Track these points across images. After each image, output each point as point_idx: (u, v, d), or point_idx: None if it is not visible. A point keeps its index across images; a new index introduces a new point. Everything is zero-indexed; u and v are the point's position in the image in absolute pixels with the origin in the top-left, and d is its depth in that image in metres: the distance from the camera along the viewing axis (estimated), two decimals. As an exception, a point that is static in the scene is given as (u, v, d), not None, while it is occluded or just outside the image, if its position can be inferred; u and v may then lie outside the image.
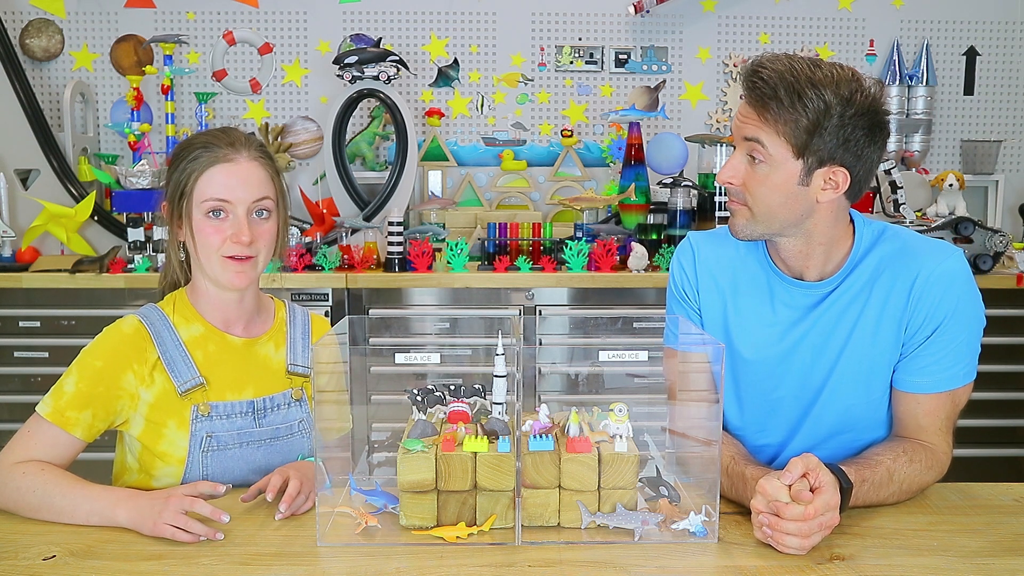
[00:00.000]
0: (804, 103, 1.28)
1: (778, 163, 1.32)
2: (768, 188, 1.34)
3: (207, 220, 1.42)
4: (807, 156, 1.31)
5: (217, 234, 1.42)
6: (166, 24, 3.47)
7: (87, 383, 1.38)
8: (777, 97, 1.29)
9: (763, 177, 1.34)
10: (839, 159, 1.32)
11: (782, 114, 1.29)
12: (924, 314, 1.38)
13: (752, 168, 1.35)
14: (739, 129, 1.36)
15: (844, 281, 1.42)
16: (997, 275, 2.94)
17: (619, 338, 1.70)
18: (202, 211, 1.42)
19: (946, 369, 1.38)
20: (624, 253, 2.99)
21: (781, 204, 1.35)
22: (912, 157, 3.53)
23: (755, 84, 1.31)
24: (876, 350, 1.41)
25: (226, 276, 1.43)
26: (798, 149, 1.31)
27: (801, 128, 1.29)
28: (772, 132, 1.31)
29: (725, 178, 1.38)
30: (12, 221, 3.19)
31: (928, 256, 1.39)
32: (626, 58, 3.54)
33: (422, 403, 1.30)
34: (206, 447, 1.43)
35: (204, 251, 1.43)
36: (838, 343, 1.42)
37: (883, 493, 1.31)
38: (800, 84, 1.28)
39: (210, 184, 1.42)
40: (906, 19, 3.56)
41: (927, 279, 1.37)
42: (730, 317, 1.50)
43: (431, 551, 1.17)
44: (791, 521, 1.14)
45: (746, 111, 1.35)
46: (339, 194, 3.21)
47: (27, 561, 1.15)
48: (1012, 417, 3.01)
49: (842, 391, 1.43)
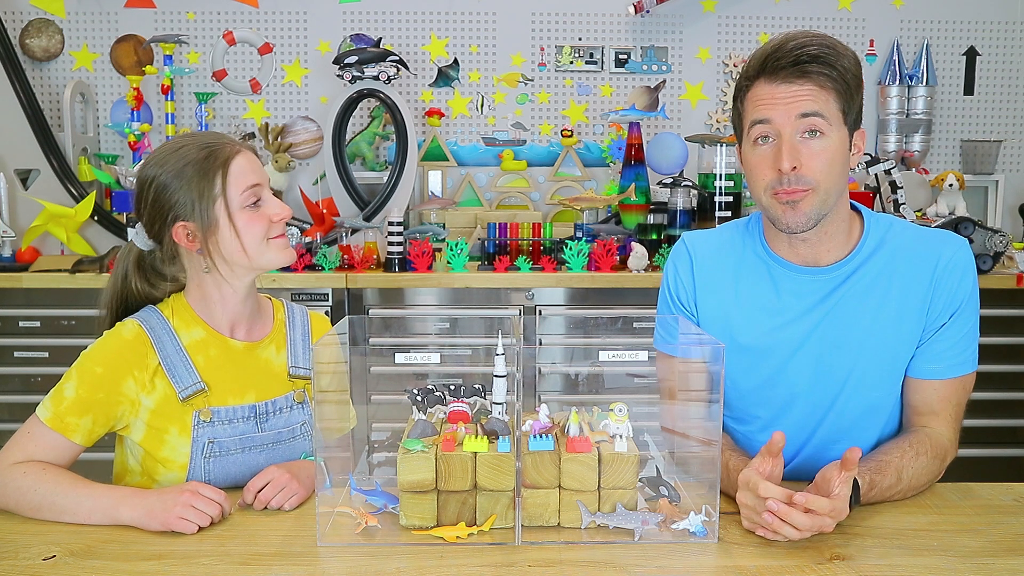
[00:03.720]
0: (846, 67, 1.32)
1: (835, 130, 1.34)
2: (830, 159, 1.34)
3: (248, 210, 1.42)
4: (849, 119, 1.35)
5: (262, 220, 1.43)
6: (166, 24, 3.47)
7: (87, 389, 1.37)
8: (830, 64, 1.31)
9: (822, 151, 1.33)
10: (859, 121, 1.37)
11: (833, 81, 1.31)
12: (946, 298, 1.40)
13: (808, 146, 1.33)
14: (789, 109, 1.31)
15: (859, 269, 1.42)
16: (997, 275, 2.94)
17: (619, 338, 1.70)
18: (241, 204, 1.41)
19: (959, 355, 1.41)
20: (624, 253, 3.00)
21: (840, 174, 1.36)
22: (912, 157, 3.53)
23: (801, 58, 1.30)
24: (900, 337, 1.41)
25: (279, 256, 1.46)
26: (845, 114, 1.34)
27: (846, 91, 1.33)
28: (828, 100, 1.32)
29: (791, 164, 1.32)
30: (12, 221, 3.19)
31: (945, 244, 1.42)
32: (626, 58, 3.54)
33: (422, 403, 1.30)
34: (208, 453, 1.42)
35: (252, 242, 1.42)
36: (860, 332, 1.41)
37: (890, 493, 1.32)
38: (836, 51, 1.32)
39: (240, 176, 1.41)
40: (906, 19, 3.56)
41: (949, 263, 1.40)
42: (732, 312, 1.48)
43: (431, 551, 1.17)
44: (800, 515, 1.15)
45: (790, 88, 1.32)
46: (339, 194, 3.21)
47: (27, 561, 1.15)
48: (1012, 417, 3.01)
49: (867, 384, 1.42)
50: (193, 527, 1.22)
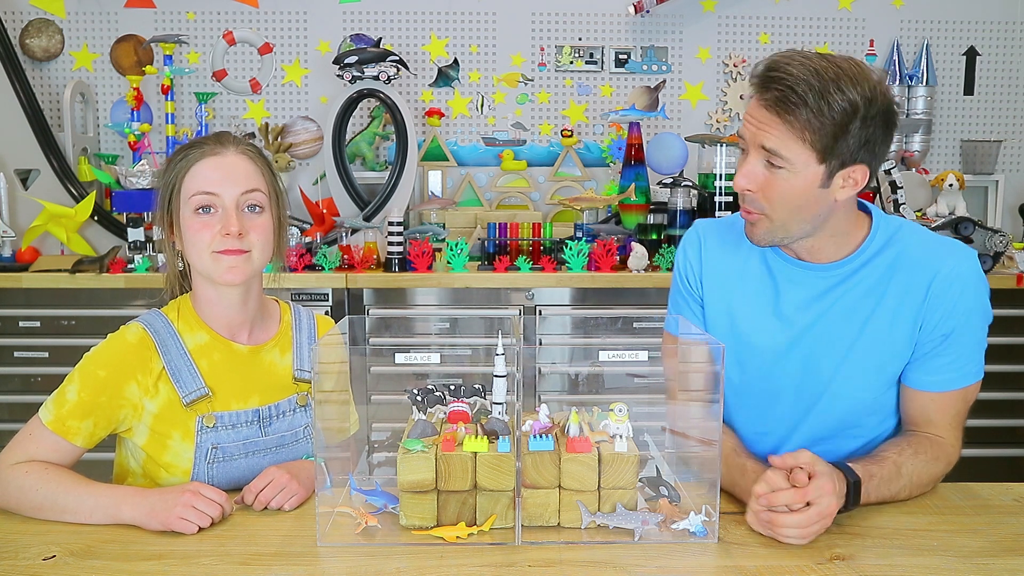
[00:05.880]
0: (832, 107, 1.22)
1: (800, 169, 1.27)
2: (789, 193, 1.29)
3: (196, 217, 1.38)
4: (830, 160, 1.26)
5: (206, 229, 1.38)
6: (166, 24, 3.47)
7: (89, 392, 1.36)
8: (805, 104, 1.22)
9: (783, 182, 1.28)
10: (859, 159, 1.28)
11: (810, 121, 1.23)
12: (940, 314, 1.36)
13: (771, 173, 1.29)
14: (755, 136, 1.28)
15: (858, 271, 1.40)
16: (997, 275, 2.94)
17: (619, 338, 1.70)
18: (190, 208, 1.38)
19: (959, 368, 1.39)
20: (624, 253, 2.99)
21: (801, 207, 1.31)
22: (912, 157, 3.53)
23: (777, 88, 1.23)
24: (890, 345, 1.39)
25: (218, 271, 1.38)
26: (822, 155, 1.26)
27: (827, 133, 1.24)
28: (796, 139, 1.25)
29: (743, 185, 1.32)
30: (12, 221, 3.19)
31: (947, 256, 1.37)
32: (626, 58, 3.54)
33: (422, 403, 1.30)
34: (212, 458, 1.41)
35: (195, 249, 1.39)
36: (851, 334, 1.40)
37: (894, 488, 1.31)
38: (826, 88, 1.21)
39: (196, 178, 1.39)
40: (906, 19, 3.56)
41: (945, 279, 1.36)
42: (735, 302, 1.48)
43: (431, 551, 1.17)
44: (788, 515, 1.16)
45: (763, 116, 1.27)
46: (339, 194, 3.21)
47: (27, 561, 1.15)
48: (1012, 417, 3.01)
49: (852, 383, 1.42)
50: (193, 527, 1.22)
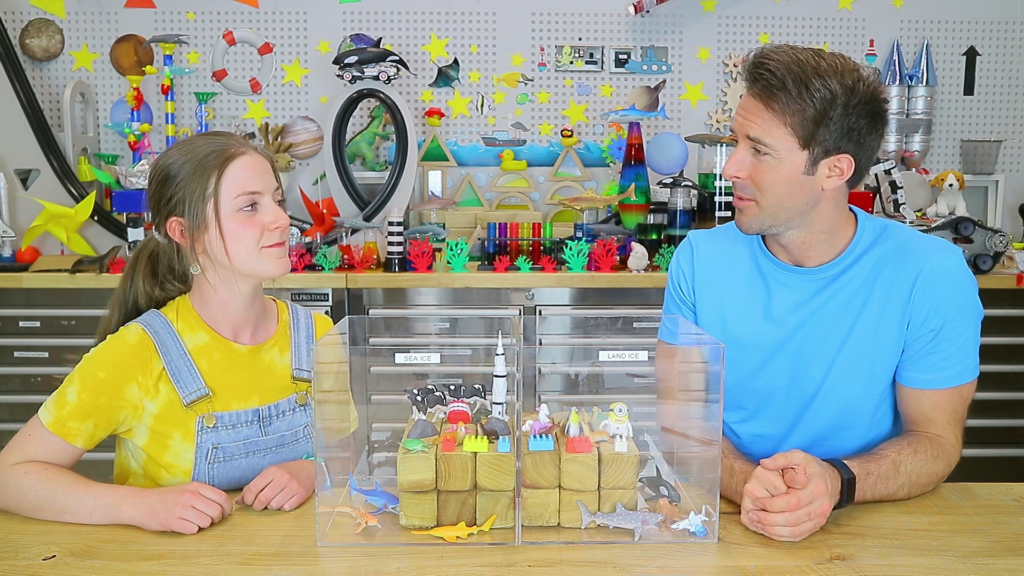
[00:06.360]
0: (811, 93, 1.28)
1: (784, 155, 1.33)
2: (775, 180, 1.34)
3: (241, 215, 1.39)
4: (813, 147, 1.32)
5: (254, 227, 1.39)
6: (166, 24, 3.47)
7: (89, 394, 1.36)
8: (785, 88, 1.29)
9: (769, 169, 1.34)
10: (843, 148, 1.33)
11: (789, 105, 1.29)
12: (927, 311, 1.38)
13: (758, 160, 1.35)
14: (742, 126, 1.36)
15: (846, 272, 1.42)
16: (997, 275, 2.94)
17: (619, 338, 1.70)
18: (233, 208, 1.39)
19: (953, 366, 1.39)
20: (624, 253, 3.00)
21: (788, 195, 1.36)
22: (912, 157, 3.53)
23: (761, 75, 1.31)
24: (879, 344, 1.41)
25: (271, 266, 1.42)
26: (804, 140, 1.32)
27: (808, 118, 1.30)
28: (779, 124, 1.31)
29: (731, 172, 1.38)
30: (12, 221, 3.19)
31: (930, 254, 1.40)
32: (626, 58, 3.54)
33: (422, 403, 1.30)
34: (212, 459, 1.41)
35: (240, 248, 1.40)
36: (840, 335, 1.42)
37: (892, 486, 1.31)
38: (807, 74, 1.28)
39: (236, 179, 1.39)
40: (906, 19, 3.56)
41: (929, 276, 1.38)
42: (727, 305, 1.51)
43: (431, 551, 1.17)
44: (778, 513, 1.17)
45: (750, 105, 1.34)
46: (339, 194, 3.21)
47: (27, 561, 1.15)
48: (1012, 417, 3.01)
49: (843, 384, 1.43)
50: (193, 527, 1.22)
